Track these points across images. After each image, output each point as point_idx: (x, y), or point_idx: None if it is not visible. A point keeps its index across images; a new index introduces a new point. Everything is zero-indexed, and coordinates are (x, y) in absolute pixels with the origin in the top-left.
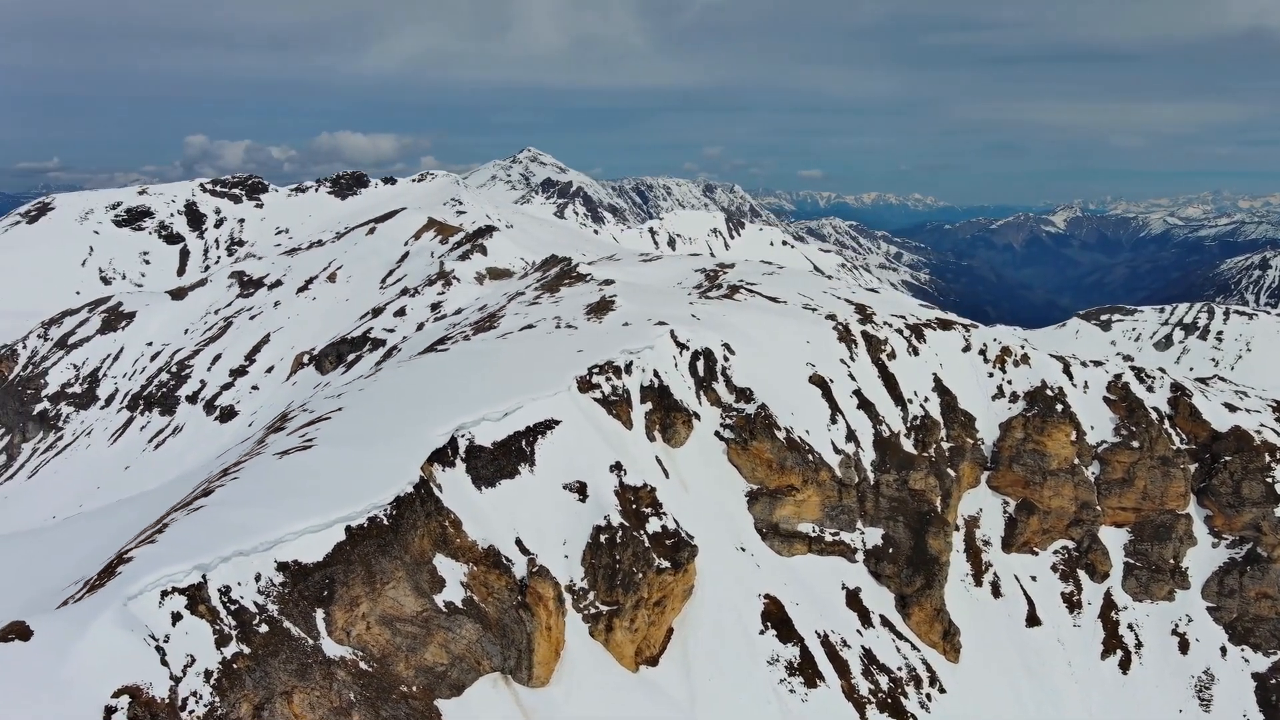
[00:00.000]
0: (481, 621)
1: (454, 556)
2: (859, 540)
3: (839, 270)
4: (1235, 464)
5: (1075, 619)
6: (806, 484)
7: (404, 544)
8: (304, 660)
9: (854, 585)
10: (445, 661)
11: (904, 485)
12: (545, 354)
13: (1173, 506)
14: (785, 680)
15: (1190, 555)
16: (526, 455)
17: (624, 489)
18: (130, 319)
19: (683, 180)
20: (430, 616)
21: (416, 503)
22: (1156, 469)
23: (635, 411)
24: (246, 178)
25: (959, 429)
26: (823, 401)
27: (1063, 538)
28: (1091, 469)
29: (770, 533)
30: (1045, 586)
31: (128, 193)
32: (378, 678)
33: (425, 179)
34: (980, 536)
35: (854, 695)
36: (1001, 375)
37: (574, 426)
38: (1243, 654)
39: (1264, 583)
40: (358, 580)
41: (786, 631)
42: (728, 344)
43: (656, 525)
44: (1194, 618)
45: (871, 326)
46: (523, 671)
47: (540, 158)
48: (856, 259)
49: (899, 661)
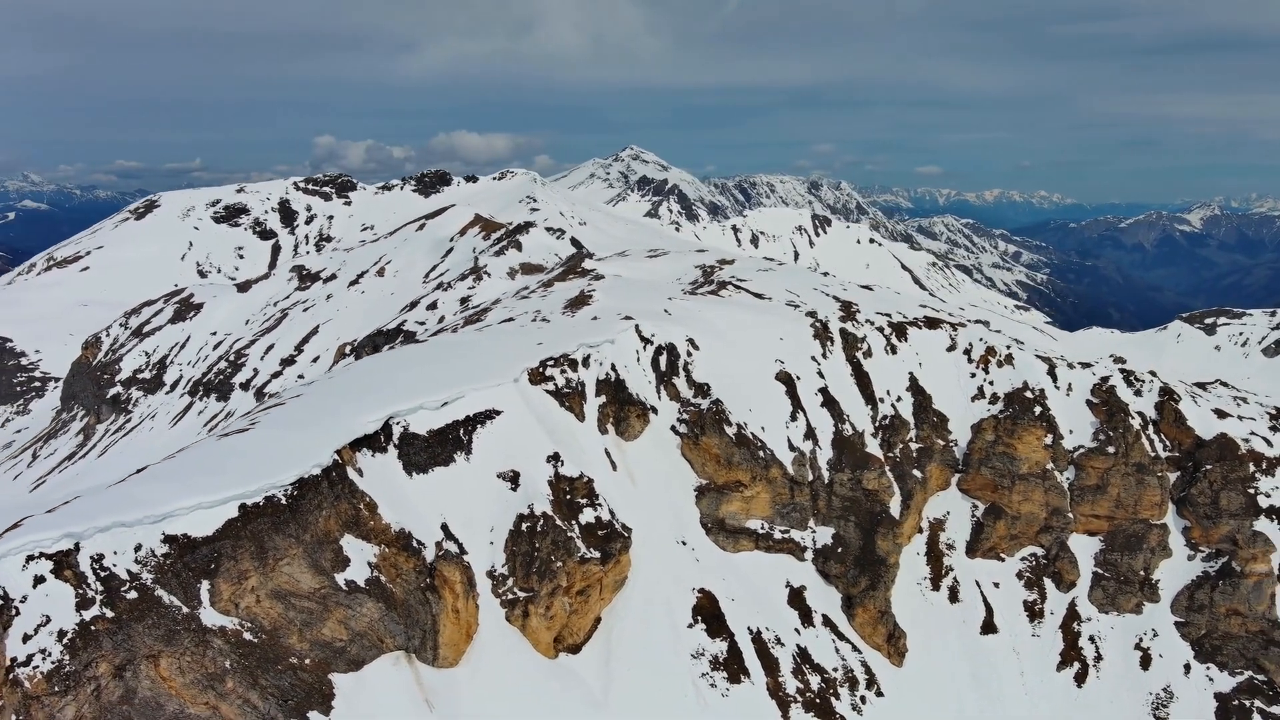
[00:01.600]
0: (386, 601)
1: (365, 538)
2: (810, 539)
3: (928, 270)
4: (1215, 473)
5: (1035, 628)
6: (755, 480)
7: (304, 523)
8: (172, 627)
9: (799, 583)
10: (345, 637)
11: (858, 485)
12: (507, 346)
13: (1147, 516)
14: (707, 674)
15: (1164, 567)
16: (464, 444)
17: (559, 479)
18: (198, 310)
19: (787, 177)
20: (329, 594)
21: (324, 485)
22: (1131, 476)
23: (589, 404)
24: (336, 176)
25: (929, 430)
26: (786, 398)
27: (1032, 544)
28: (1067, 474)
29: (715, 528)
30: (1007, 594)
31: (226, 190)
32: (263, 648)
33: (505, 177)
34: (945, 540)
35: (779, 693)
36: (984, 376)
37: (515, 417)
38: (1208, 672)
39: (1235, 599)
40: (247, 555)
41: (717, 626)
42: (692, 339)
43: (590, 516)
44: (1160, 632)
45: (852, 324)
46: (428, 651)
47: (642, 156)
48: (968, 258)
49: (836, 662)
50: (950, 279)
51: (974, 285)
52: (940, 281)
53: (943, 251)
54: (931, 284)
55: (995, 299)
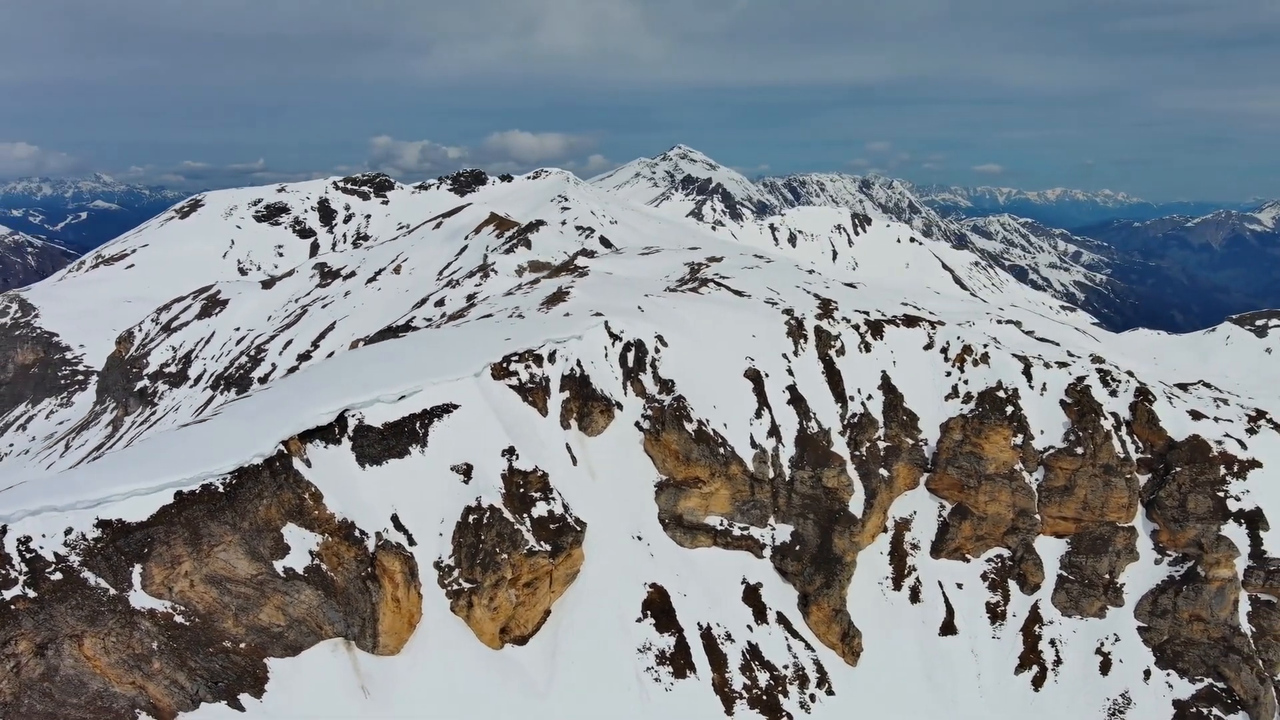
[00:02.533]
0: (325, 589)
1: (309, 527)
2: (769, 536)
3: (970, 269)
4: (1184, 475)
5: (996, 630)
6: (714, 477)
7: (242, 511)
8: (96, 608)
9: (756, 580)
10: (283, 623)
11: (818, 482)
12: (476, 342)
13: (1114, 518)
14: (652, 669)
15: (1130, 571)
16: (419, 437)
17: (512, 473)
18: (224, 306)
19: (837, 176)
20: (266, 580)
21: (266, 474)
22: (1098, 478)
23: (552, 399)
24: (375, 176)
25: (897, 428)
26: (752, 395)
27: (998, 545)
28: (1036, 475)
29: (673, 524)
30: (970, 595)
31: (268, 190)
32: (195, 631)
33: (540, 176)
34: (910, 540)
35: (724, 689)
36: (959, 374)
37: (473, 411)
38: (1168, 678)
39: (1197, 604)
40: (180, 541)
41: (666, 621)
42: (661, 336)
43: (543, 509)
44: (1122, 637)
45: (828, 322)
46: (367, 639)
47: (690, 154)
48: (1024, 258)
49: (787, 660)
50: (993, 279)
51: (1018, 285)
52: (983, 281)
53: (998, 251)
54: (973, 284)
55: (1041, 299)
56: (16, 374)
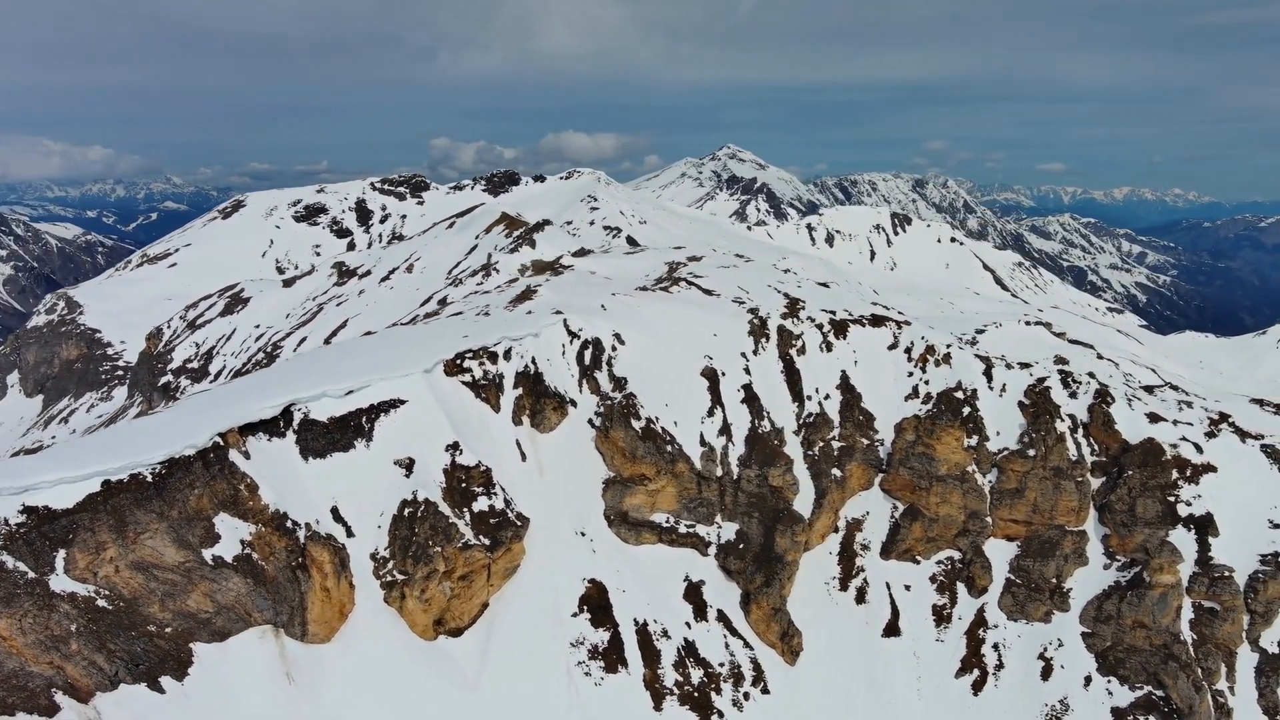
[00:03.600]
0: (255, 577)
1: (243, 517)
2: (715, 534)
3: (1013, 270)
4: (1135, 479)
5: (940, 633)
6: (660, 474)
7: (171, 500)
8: (13, 590)
9: (699, 578)
10: (210, 610)
11: (764, 481)
12: (435, 338)
13: (1063, 522)
14: (584, 663)
15: (1078, 576)
16: (365, 431)
17: (454, 468)
18: (245, 304)
19: (889, 175)
20: (193, 568)
21: (198, 465)
22: (1048, 480)
23: (505, 396)
24: (411, 176)
25: (852, 428)
26: (707, 394)
27: (949, 547)
28: (990, 477)
29: (618, 520)
30: (918, 597)
31: (307, 191)
32: (119, 615)
33: (572, 176)
34: (861, 540)
35: (655, 685)
36: (921, 375)
37: (420, 406)
38: (1108, 685)
39: (1140, 610)
40: (105, 528)
41: (602, 617)
42: (618, 334)
43: (484, 504)
44: (1066, 642)
45: (792, 321)
46: (296, 627)
47: (739, 154)
48: (1084, 259)
49: (724, 658)
50: (1036, 279)
51: (1064, 286)
52: (1025, 282)
53: (1056, 252)
54: (1015, 284)
55: (1086, 301)
56: (61, 369)
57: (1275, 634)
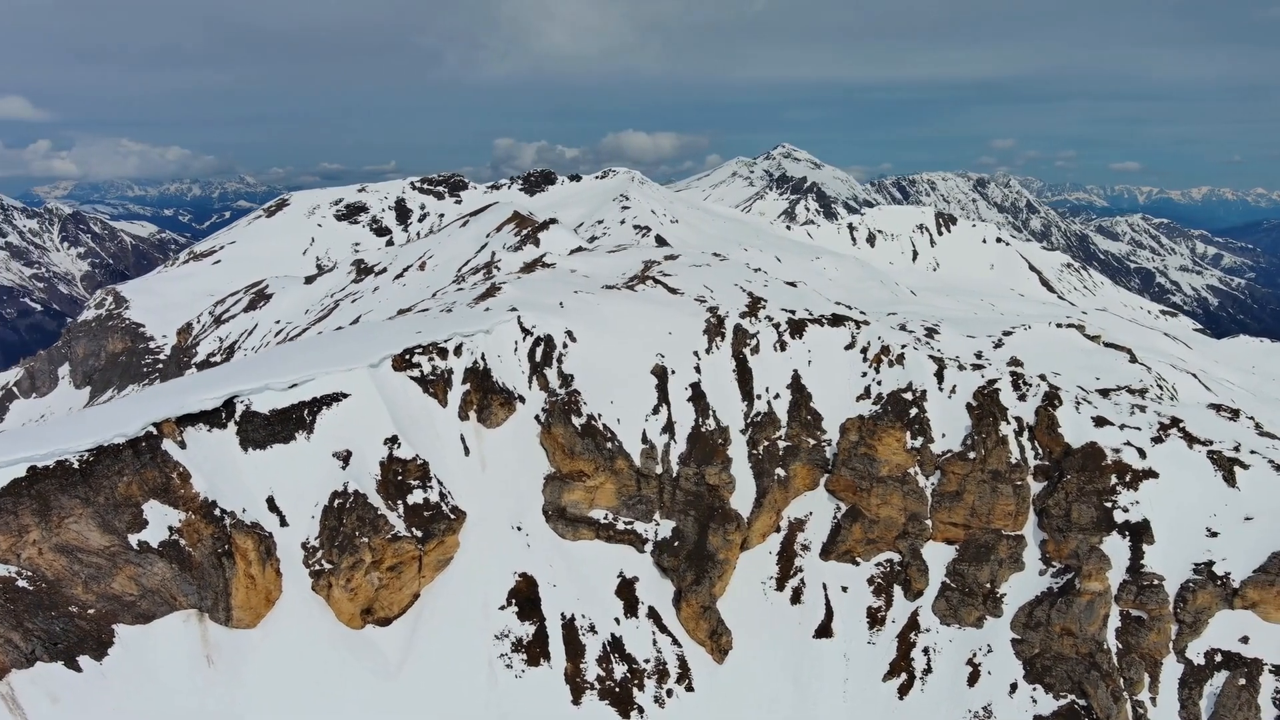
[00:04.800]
0: (181, 563)
1: (173, 504)
2: (653, 531)
3: (1060, 271)
4: (1072, 484)
5: (873, 635)
6: (599, 471)
7: (97, 486)
8: None
9: (633, 574)
10: (135, 593)
11: (701, 479)
12: (392, 334)
13: (1000, 526)
14: (506, 655)
15: (1014, 581)
16: (306, 423)
17: (391, 460)
18: (268, 300)
19: (949, 174)
20: (118, 552)
21: (128, 453)
22: (986, 483)
23: (453, 391)
24: (450, 176)
25: (798, 428)
26: (654, 392)
27: (890, 549)
28: (932, 479)
29: (556, 516)
30: (854, 599)
31: (349, 190)
32: (40, 595)
33: (607, 176)
34: (802, 540)
35: (576, 679)
36: (875, 375)
37: (363, 400)
38: (1033, 693)
39: (1068, 618)
40: (28, 512)
41: (529, 610)
42: (571, 331)
43: (419, 497)
44: (995, 648)
45: (750, 320)
46: (220, 613)
47: (794, 154)
48: (1152, 260)
49: (651, 654)
50: (1085, 281)
51: (1114, 288)
52: (1073, 283)
53: (1124, 253)
54: (1062, 286)
55: (1139, 303)
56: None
57: (1203, 645)
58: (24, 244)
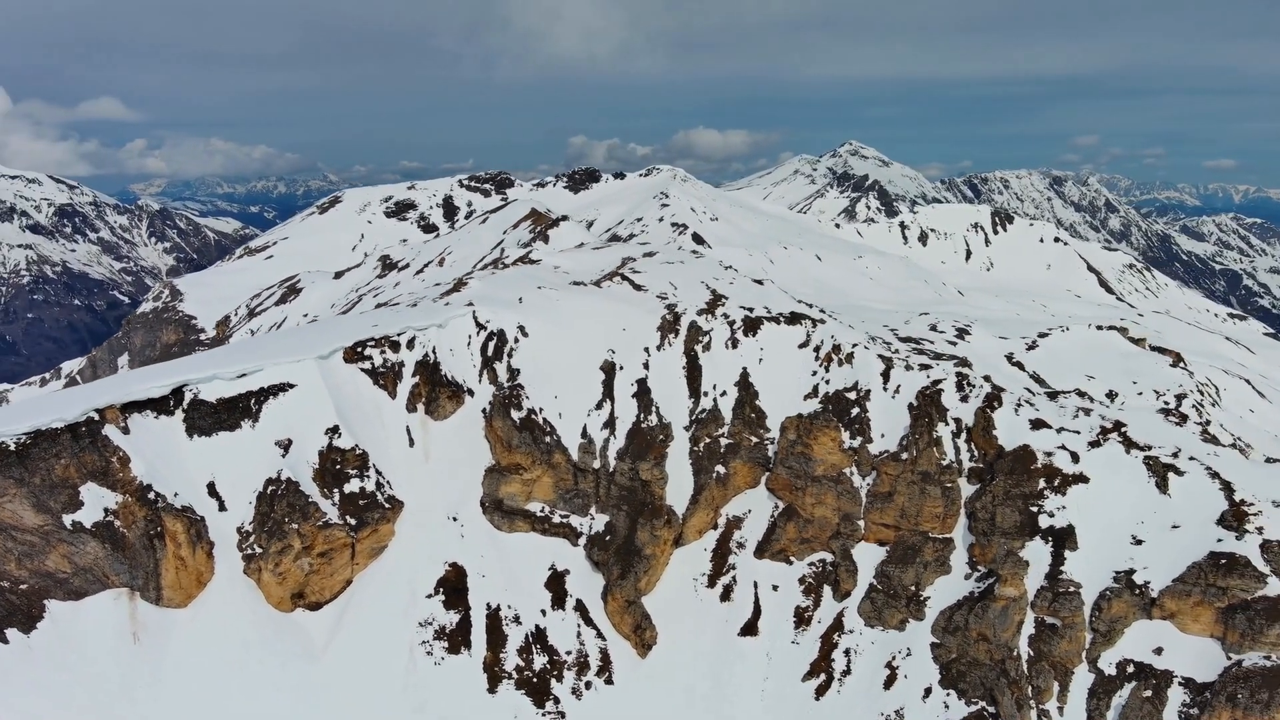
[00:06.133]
0: (114, 543)
1: (111, 487)
2: (588, 525)
3: (1122, 272)
4: (999, 487)
5: (798, 635)
6: (535, 464)
7: (33, 468)
8: None
9: (565, 567)
10: (68, 570)
11: (635, 475)
12: (349, 327)
13: (928, 528)
14: (428, 643)
15: (939, 584)
16: (252, 412)
17: (330, 450)
18: (299, 294)
19: (1024, 172)
20: (52, 531)
21: (66, 437)
22: (915, 485)
23: (403, 383)
24: (496, 174)
25: (741, 426)
26: (600, 387)
27: (823, 549)
28: (869, 480)
29: (493, 508)
30: (784, 598)
31: (399, 188)
32: None
33: (650, 174)
34: (738, 538)
35: (495, 668)
36: (824, 374)
37: (308, 390)
38: (947, 698)
39: (984, 623)
40: None
41: (456, 599)
42: (523, 326)
43: (355, 486)
44: (915, 652)
45: (706, 318)
46: (151, 592)
47: (861, 151)
48: (1240, 262)
49: (574, 646)
50: (1148, 282)
51: (1179, 290)
52: (1134, 284)
53: (1209, 254)
54: (1123, 287)
55: (1205, 305)
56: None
57: (1116, 655)
58: (115, 239)
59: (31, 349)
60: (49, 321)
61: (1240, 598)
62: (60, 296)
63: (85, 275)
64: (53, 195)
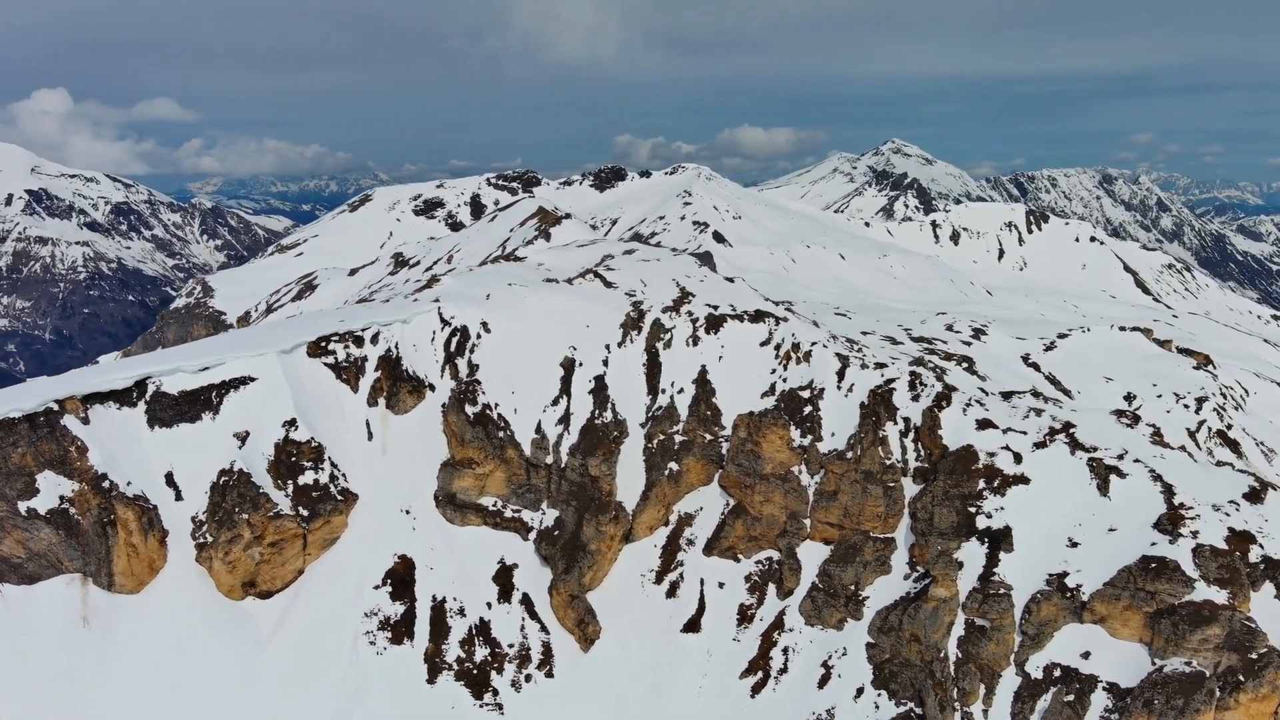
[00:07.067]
0: (68, 530)
1: (69, 475)
2: (538, 519)
3: (1160, 272)
4: (939, 487)
5: (739, 633)
6: (488, 459)
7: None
8: None
9: (514, 561)
10: (23, 555)
11: (585, 471)
12: (318, 322)
13: (869, 527)
14: (371, 633)
15: (879, 584)
16: (213, 404)
17: (286, 442)
18: (314, 290)
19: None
20: (5, 517)
21: (24, 426)
22: (858, 484)
23: (365, 378)
24: (524, 173)
25: (696, 423)
26: (558, 383)
27: (771, 547)
28: (817, 478)
29: (446, 501)
30: (729, 595)
31: (427, 186)
32: None
33: (676, 172)
34: (688, 535)
35: (435, 659)
36: (782, 372)
37: (269, 384)
38: (878, 699)
39: (916, 624)
40: None
41: (402, 590)
42: (486, 322)
43: (309, 478)
44: (850, 651)
45: (669, 315)
46: (103, 578)
47: (904, 149)
48: None
49: (517, 639)
50: (1187, 282)
51: (1219, 291)
52: (1173, 285)
53: (1267, 254)
54: (1160, 287)
55: (1247, 307)
56: None
57: (1045, 658)
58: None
59: (87, 343)
60: (104, 316)
61: (1168, 602)
62: (115, 292)
63: (139, 271)
64: (109, 194)
